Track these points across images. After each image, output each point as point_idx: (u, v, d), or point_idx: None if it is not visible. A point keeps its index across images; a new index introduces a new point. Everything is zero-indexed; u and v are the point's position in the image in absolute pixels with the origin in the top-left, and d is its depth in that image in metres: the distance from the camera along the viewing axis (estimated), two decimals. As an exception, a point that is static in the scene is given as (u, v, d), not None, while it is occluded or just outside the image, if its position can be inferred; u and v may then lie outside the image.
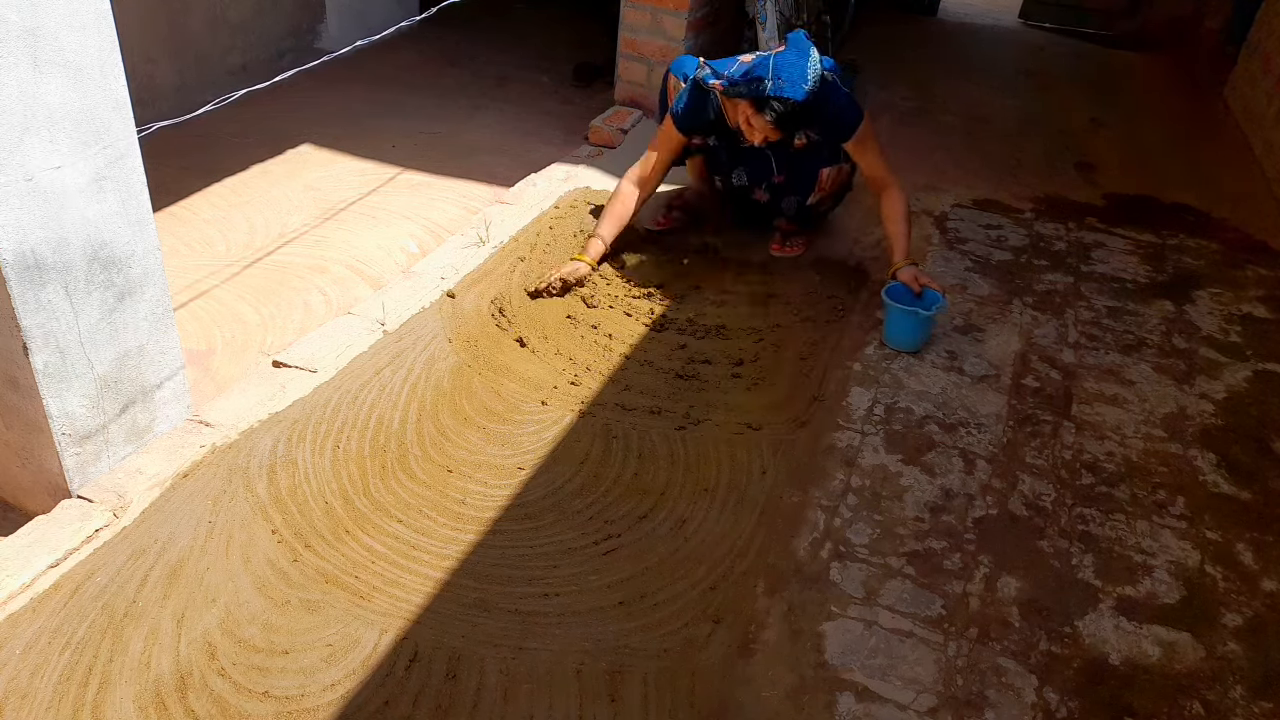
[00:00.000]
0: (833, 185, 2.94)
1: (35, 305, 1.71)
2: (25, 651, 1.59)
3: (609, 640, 1.68)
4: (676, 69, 2.99)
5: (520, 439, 2.18)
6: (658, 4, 3.84)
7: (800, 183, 2.92)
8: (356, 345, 2.42)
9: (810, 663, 1.66)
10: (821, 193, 2.93)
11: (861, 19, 5.54)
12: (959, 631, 1.74)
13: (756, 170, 2.94)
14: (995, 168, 3.89)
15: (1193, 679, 1.68)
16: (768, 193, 2.99)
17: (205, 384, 2.41)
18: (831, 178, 2.91)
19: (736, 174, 2.98)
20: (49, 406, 1.80)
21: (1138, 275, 3.08)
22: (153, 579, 1.74)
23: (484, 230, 3.01)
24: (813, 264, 2.99)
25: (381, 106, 4.26)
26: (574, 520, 1.95)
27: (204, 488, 1.95)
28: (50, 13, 1.58)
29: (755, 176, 2.96)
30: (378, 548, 1.85)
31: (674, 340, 2.57)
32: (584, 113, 4.28)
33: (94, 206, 1.76)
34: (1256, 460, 2.25)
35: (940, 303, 2.51)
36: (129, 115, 1.78)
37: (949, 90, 4.84)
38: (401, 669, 1.60)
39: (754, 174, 2.95)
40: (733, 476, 2.09)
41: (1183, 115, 4.73)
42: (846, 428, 2.26)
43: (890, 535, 1.95)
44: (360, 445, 2.11)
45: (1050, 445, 2.25)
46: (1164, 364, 2.60)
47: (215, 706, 1.52)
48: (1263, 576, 1.91)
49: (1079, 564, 1.91)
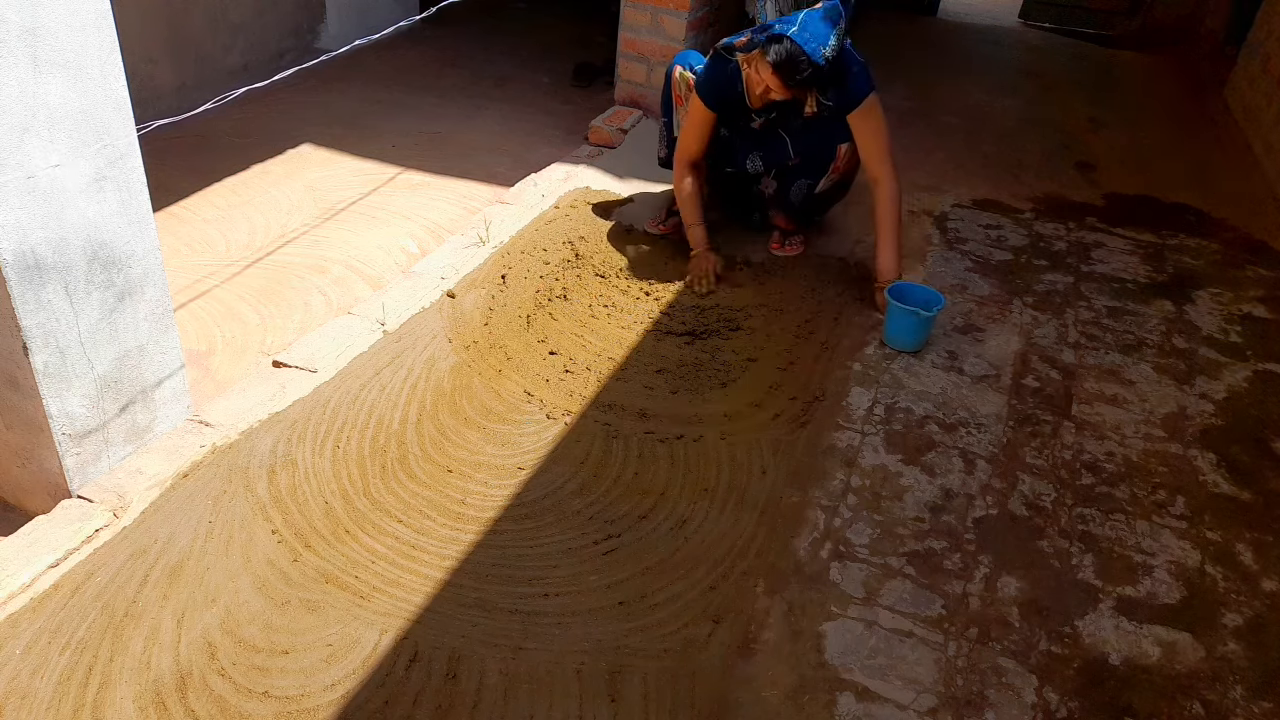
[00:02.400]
0: (847, 165, 2.88)
1: (35, 305, 1.71)
2: (25, 651, 1.59)
3: (609, 640, 1.68)
4: (680, 60, 3.00)
5: (520, 439, 2.18)
6: (658, 4, 3.84)
7: (815, 162, 2.88)
8: (356, 345, 2.42)
9: (810, 663, 1.66)
10: (836, 173, 2.89)
11: (861, 19, 5.54)
12: (959, 631, 1.74)
13: (772, 153, 2.90)
14: (995, 168, 3.89)
15: (1193, 679, 1.68)
16: (776, 179, 2.97)
17: (205, 384, 2.41)
18: (847, 155, 2.85)
19: (751, 159, 2.94)
20: (49, 406, 1.80)
21: (1138, 275, 3.08)
22: (153, 579, 1.74)
23: (484, 230, 3.01)
24: (812, 264, 2.99)
25: (381, 106, 4.26)
26: (574, 520, 1.95)
27: (204, 488, 1.95)
28: (50, 13, 1.58)
29: (770, 159, 2.92)
30: (378, 548, 1.85)
31: (674, 340, 2.57)
32: (584, 113, 4.28)
33: (94, 206, 1.76)
34: (1256, 460, 2.25)
35: (941, 303, 2.51)
36: (129, 115, 1.78)
37: (949, 90, 4.84)
38: (402, 669, 1.60)
39: (769, 157, 2.91)
40: (733, 476, 2.09)
41: (1183, 115, 4.73)
42: (846, 428, 2.26)
43: (890, 535, 1.95)
44: (360, 445, 2.11)
45: (1050, 445, 2.25)
46: (1164, 364, 2.60)
47: (215, 706, 1.52)
48: (1263, 576, 1.91)
49: (1079, 564, 1.91)
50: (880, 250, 2.76)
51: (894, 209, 2.72)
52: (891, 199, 2.72)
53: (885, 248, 2.74)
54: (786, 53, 2.48)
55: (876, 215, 2.76)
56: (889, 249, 2.74)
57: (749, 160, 2.95)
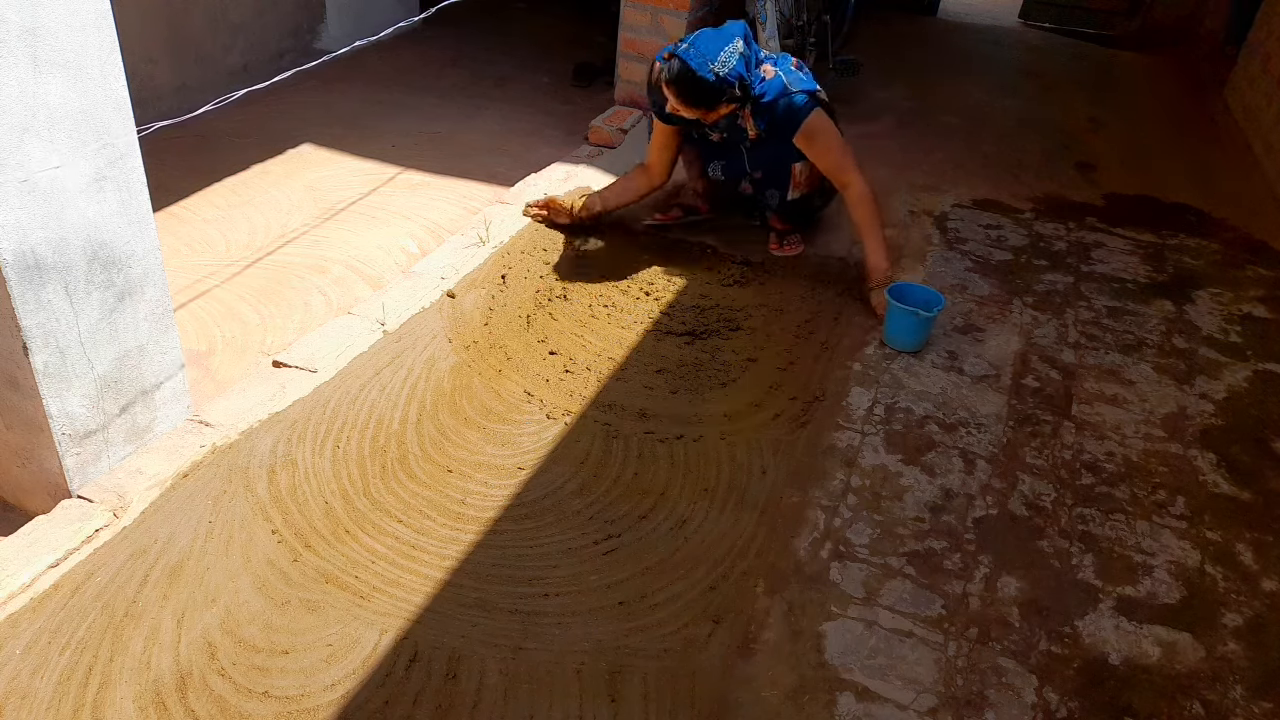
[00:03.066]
0: (808, 183, 2.93)
1: (35, 305, 1.71)
2: (25, 651, 1.59)
3: (609, 640, 1.68)
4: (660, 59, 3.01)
5: (520, 439, 2.17)
6: (658, 4, 3.84)
7: (775, 177, 2.93)
8: (356, 345, 2.42)
9: (810, 663, 1.66)
10: (798, 189, 2.93)
11: (861, 19, 5.54)
12: (959, 631, 1.74)
13: (732, 165, 2.95)
14: (995, 168, 3.89)
15: (1193, 679, 1.68)
16: (751, 185, 3.00)
17: (205, 384, 2.41)
18: (805, 173, 2.90)
19: (712, 167, 3.00)
20: (49, 406, 1.80)
21: (1138, 275, 3.08)
22: (153, 579, 1.74)
23: (484, 230, 3.01)
24: (812, 263, 2.99)
25: (381, 106, 4.25)
26: (574, 520, 1.95)
27: (204, 488, 1.95)
28: (50, 13, 1.58)
29: (730, 170, 2.96)
30: (378, 548, 1.85)
31: (674, 340, 2.57)
32: (584, 113, 4.27)
33: (94, 206, 1.76)
34: (1256, 460, 2.25)
35: (941, 304, 2.52)
36: (129, 115, 1.78)
37: (949, 90, 4.84)
38: (402, 669, 1.60)
39: (730, 169, 2.96)
40: (733, 476, 2.09)
41: (1183, 115, 4.73)
42: (846, 428, 2.26)
43: (890, 535, 1.95)
44: (360, 445, 2.11)
45: (1050, 445, 2.25)
46: (1164, 364, 2.60)
47: (215, 706, 1.52)
48: (1263, 576, 1.91)
49: (1079, 564, 1.91)
50: (866, 251, 2.79)
51: (867, 209, 2.75)
52: (861, 201, 2.75)
53: (869, 247, 2.77)
54: (675, 71, 2.55)
55: (852, 219, 2.82)
56: (873, 247, 2.76)
57: (710, 168, 3.00)
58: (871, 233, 2.75)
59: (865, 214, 2.76)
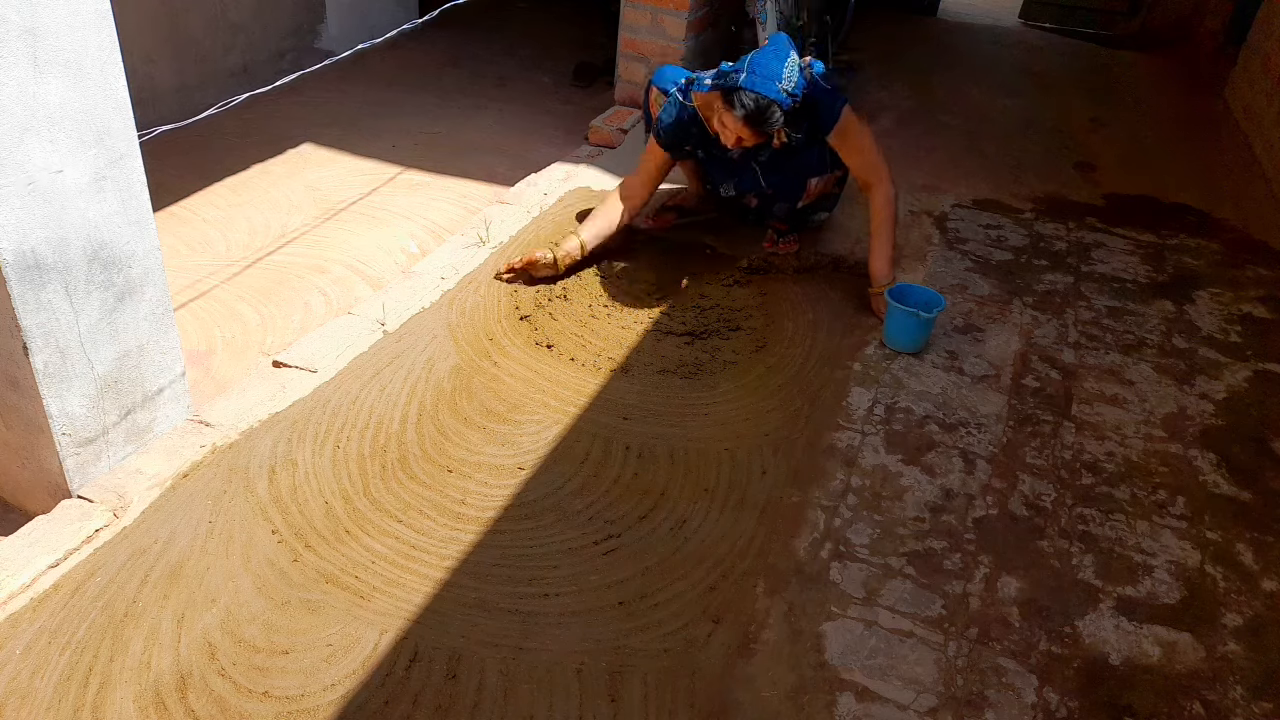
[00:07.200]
0: (819, 195, 2.94)
1: (35, 305, 1.71)
2: (25, 652, 1.59)
3: (609, 640, 1.68)
4: (658, 81, 2.96)
5: (520, 439, 2.18)
6: (658, 4, 3.84)
7: (787, 192, 2.92)
8: (356, 345, 2.42)
9: (810, 663, 1.66)
10: (808, 200, 2.94)
11: (861, 19, 5.54)
12: (959, 631, 1.74)
13: (744, 184, 2.93)
14: (995, 168, 3.89)
15: (1193, 679, 1.68)
16: (758, 198, 3.00)
17: (205, 384, 2.41)
18: (819, 187, 2.90)
19: (724, 187, 2.98)
20: (49, 406, 1.80)
21: (1138, 275, 3.08)
22: (153, 579, 1.74)
23: (484, 230, 3.01)
24: (812, 263, 2.99)
25: (382, 107, 4.26)
26: (574, 520, 1.95)
27: (204, 488, 1.95)
28: (50, 13, 1.58)
29: (743, 187, 2.95)
30: (378, 548, 1.85)
31: (674, 340, 2.57)
32: (584, 113, 4.28)
33: (94, 207, 1.76)
34: (1256, 460, 2.25)
35: (941, 304, 2.52)
36: (129, 115, 1.78)
37: (949, 90, 4.84)
38: (402, 669, 1.60)
39: (742, 185, 2.95)
40: (733, 476, 2.09)
41: (1183, 115, 4.73)
42: (846, 428, 2.26)
43: (890, 535, 1.95)
44: (360, 445, 2.11)
45: (1050, 445, 2.25)
46: (1164, 364, 2.60)
47: (215, 706, 1.52)
48: (1263, 576, 1.91)
49: (1079, 564, 1.91)
50: (873, 255, 2.77)
51: (887, 213, 2.73)
52: (885, 203, 2.73)
53: (877, 252, 2.75)
54: (754, 103, 2.48)
55: (871, 220, 2.78)
56: (881, 253, 2.74)
57: (723, 186, 2.98)
58: (885, 237, 2.73)
59: (885, 217, 2.73)
